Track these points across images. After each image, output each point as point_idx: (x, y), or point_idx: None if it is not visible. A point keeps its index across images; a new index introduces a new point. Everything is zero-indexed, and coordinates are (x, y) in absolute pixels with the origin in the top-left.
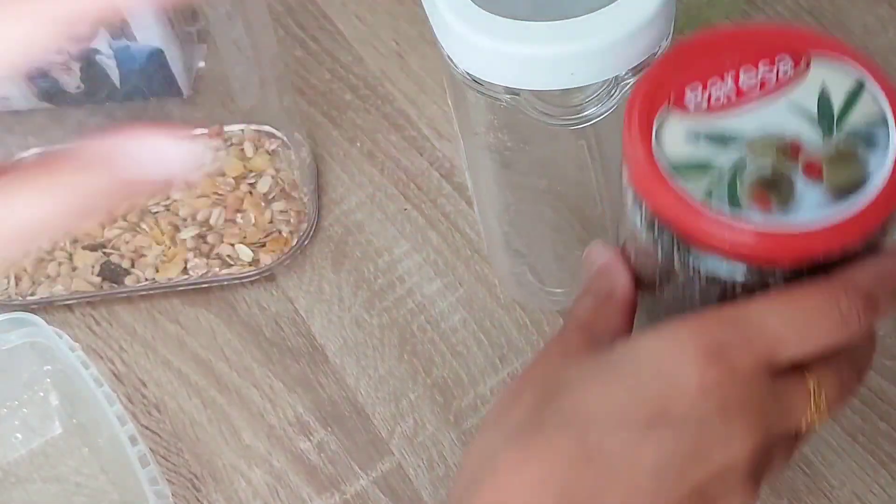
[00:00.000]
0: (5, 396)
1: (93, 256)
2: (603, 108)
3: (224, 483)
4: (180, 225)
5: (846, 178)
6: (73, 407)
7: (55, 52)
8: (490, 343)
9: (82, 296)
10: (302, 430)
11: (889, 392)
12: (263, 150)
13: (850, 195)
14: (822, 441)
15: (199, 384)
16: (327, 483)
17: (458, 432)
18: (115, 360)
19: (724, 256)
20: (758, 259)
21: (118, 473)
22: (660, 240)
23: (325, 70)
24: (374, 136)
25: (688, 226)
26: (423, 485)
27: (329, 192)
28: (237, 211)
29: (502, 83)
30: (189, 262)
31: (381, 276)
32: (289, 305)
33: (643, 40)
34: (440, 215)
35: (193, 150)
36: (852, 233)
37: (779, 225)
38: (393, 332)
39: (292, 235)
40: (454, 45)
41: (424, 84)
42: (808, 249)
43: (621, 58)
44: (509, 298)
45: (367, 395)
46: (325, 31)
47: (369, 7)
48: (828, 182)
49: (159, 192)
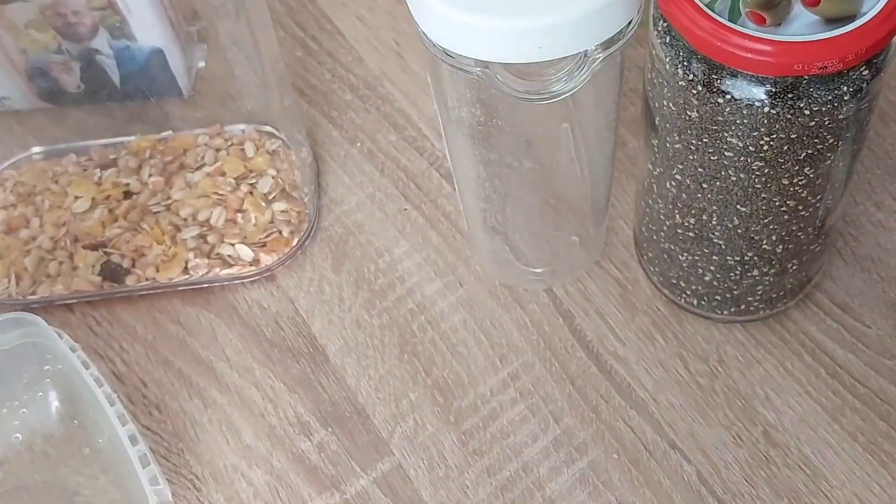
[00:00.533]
0: (5, 397)
1: (93, 256)
2: (572, 83)
3: (225, 483)
4: (181, 225)
5: (840, 11)
6: (74, 407)
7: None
8: (490, 343)
9: (83, 295)
10: (302, 431)
11: (889, 392)
12: (264, 150)
13: (840, 24)
14: (822, 441)
15: (199, 384)
16: (328, 483)
17: (459, 432)
18: (116, 360)
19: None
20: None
21: (119, 473)
22: (679, 57)
23: (325, 70)
24: (374, 136)
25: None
26: (423, 485)
27: (329, 193)
28: (238, 211)
29: (472, 56)
30: (190, 262)
31: (381, 277)
32: (289, 306)
33: (612, 15)
34: (440, 215)
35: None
36: (845, 48)
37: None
38: (393, 333)
39: (293, 235)
40: (426, 18)
41: (424, 84)
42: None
43: (590, 32)
44: (510, 298)
45: (368, 395)
46: (325, 31)
47: (369, 7)
48: (822, 11)
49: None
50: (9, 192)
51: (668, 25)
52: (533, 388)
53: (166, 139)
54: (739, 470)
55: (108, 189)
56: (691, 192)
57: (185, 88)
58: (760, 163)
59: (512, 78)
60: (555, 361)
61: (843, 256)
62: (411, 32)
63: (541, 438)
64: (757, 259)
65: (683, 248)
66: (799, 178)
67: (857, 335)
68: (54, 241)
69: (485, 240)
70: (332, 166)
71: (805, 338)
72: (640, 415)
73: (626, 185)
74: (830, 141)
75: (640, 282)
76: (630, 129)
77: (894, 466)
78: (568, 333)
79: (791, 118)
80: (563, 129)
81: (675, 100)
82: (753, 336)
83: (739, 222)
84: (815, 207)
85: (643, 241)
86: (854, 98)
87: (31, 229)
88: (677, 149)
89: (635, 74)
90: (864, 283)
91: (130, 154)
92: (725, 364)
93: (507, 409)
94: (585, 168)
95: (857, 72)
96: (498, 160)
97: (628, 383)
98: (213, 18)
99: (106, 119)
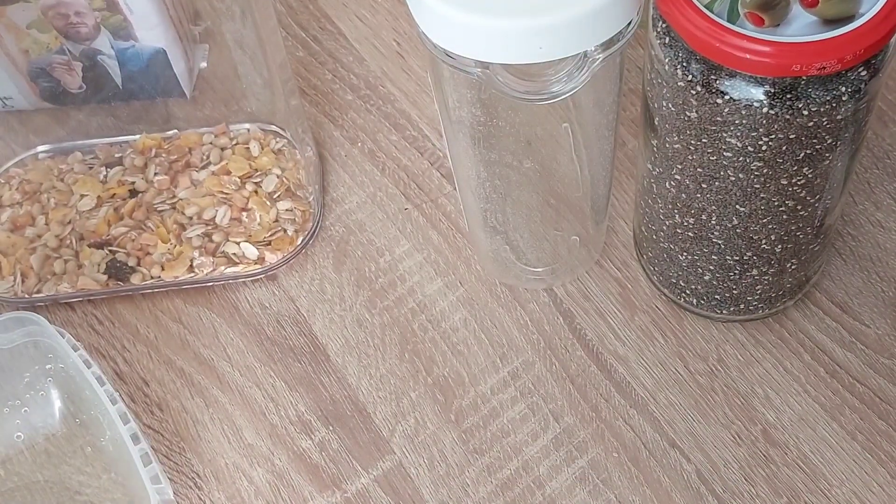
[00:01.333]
0: (7, 395)
1: (99, 254)
2: (572, 83)
3: (226, 482)
4: (186, 223)
5: (838, 12)
6: (76, 406)
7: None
8: (490, 342)
9: (88, 294)
10: (303, 429)
11: (888, 391)
12: (269, 149)
13: (838, 25)
14: (821, 440)
15: (201, 383)
16: (329, 482)
17: (459, 431)
18: (118, 359)
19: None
20: (773, 67)
21: (121, 472)
22: (679, 58)
23: (326, 70)
24: (375, 136)
25: (711, 44)
26: (423, 483)
27: (330, 192)
28: (243, 210)
29: (472, 56)
30: (195, 260)
31: (382, 276)
32: (290, 305)
33: (612, 16)
34: (441, 215)
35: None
36: (843, 49)
37: (775, 36)
38: (394, 332)
39: (297, 234)
40: (426, 19)
41: (425, 84)
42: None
43: (590, 33)
44: (510, 297)
45: (369, 394)
46: (326, 31)
47: (370, 7)
48: (821, 12)
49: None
50: (14, 190)
51: (667, 26)
52: (533, 386)
53: (172, 138)
54: (739, 468)
55: (114, 187)
56: (690, 191)
57: (188, 89)
58: (759, 163)
59: (512, 78)
60: (555, 360)
61: (842, 256)
62: (412, 33)
63: (541, 437)
64: (756, 258)
65: (683, 248)
66: (798, 178)
67: (856, 334)
68: (60, 240)
69: (485, 239)
70: (334, 166)
71: (804, 337)
72: (639, 413)
73: (626, 185)
74: (829, 141)
75: (639, 281)
76: (630, 129)
77: (893, 465)
78: (568, 332)
79: (790, 118)
80: (563, 129)
81: (674, 100)
82: (753, 335)
83: (738, 222)
84: (813, 207)
85: (643, 241)
86: (852, 98)
87: (37, 227)
88: (676, 149)
89: (635, 75)
90: (862, 282)
91: (136, 152)
92: (725, 363)
93: (508, 408)
94: (585, 168)
95: (856, 72)
96: (498, 160)
97: (628, 382)
98: (218, 20)
99: (108, 119)
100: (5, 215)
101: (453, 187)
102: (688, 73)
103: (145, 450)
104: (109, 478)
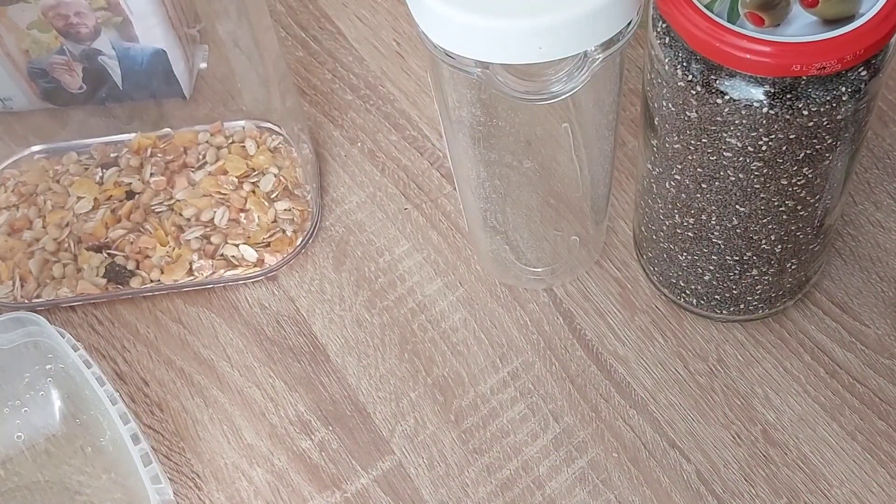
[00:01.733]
0: (7, 395)
1: (97, 258)
2: (572, 83)
3: (226, 482)
4: (184, 225)
5: (838, 12)
6: (76, 406)
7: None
8: (490, 342)
9: (88, 298)
10: (303, 429)
11: (887, 391)
12: (265, 147)
13: (838, 25)
14: (821, 440)
15: (201, 383)
16: (328, 482)
17: (459, 431)
18: (118, 360)
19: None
20: (773, 67)
21: (121, 472)
22: (678, 58)
23: (325, 70)
24: (375, 135)
25: (710, 43)
26: (423, 483)
27: (330, 192)
28: (241, 210)
29: (472, 56)
30: (194, 263)
31: (381, 276)
32: (290, 305)
33: (612, 16)
34: (440, 215)
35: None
36: (843, 49)
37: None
38: (394, 332)
39: (296, 235)
40: (426, 19)
41: (425, 84)
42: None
43: (590, 33)
44: (510, 297)
45: (368, 394)
46: (326, 31)
47: (370, 7)
48: (821, 12)
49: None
50: (10, 191)
51: (667, 26)
52: (533, 387)
53: (166, 137)
54: (738, 469)
55: (110, 189)
56: (690, 191)
57: (187, 89)
58: (759, 163)
59: (512, 78)
60: (555, 360)
61: (842, 256)
62: (412, 33)
63: (541, 437)
64: (756, 259)
65: (683, 248)
66: (798, 179)
67: (856, 334)
68: (58, 243)
69: (485, 239)
70: (333, 166)
71: (804, 337)
72: (639, 414)
73: (626, 185)
74: (829, 141)
75: (639, 281)
76: (630, 129)
77: (893, 465)
78: (568, 333)
79: (790, 119)
80: (563, 129)
81: (674, 100)
82: (752, 335)
83: (738, 222)
84: (813, 207)
85: (643, 241)
86: (852, 98)
87: (35, 231)
88: (676, 149)
89: (635, 74)
90: (862, 282)
91: (131, 152)
92: (725, 363)
93: (507, 408)
94: (585, 168)
95: (856, 72)
96: (498, 160)
97: (628, 382)
98: (214, 20)
99: (106, 118)
100: (2, 218)
101: (453, 187)
102: (688, 73)
103: (145, 450)
104: (109, 478)
